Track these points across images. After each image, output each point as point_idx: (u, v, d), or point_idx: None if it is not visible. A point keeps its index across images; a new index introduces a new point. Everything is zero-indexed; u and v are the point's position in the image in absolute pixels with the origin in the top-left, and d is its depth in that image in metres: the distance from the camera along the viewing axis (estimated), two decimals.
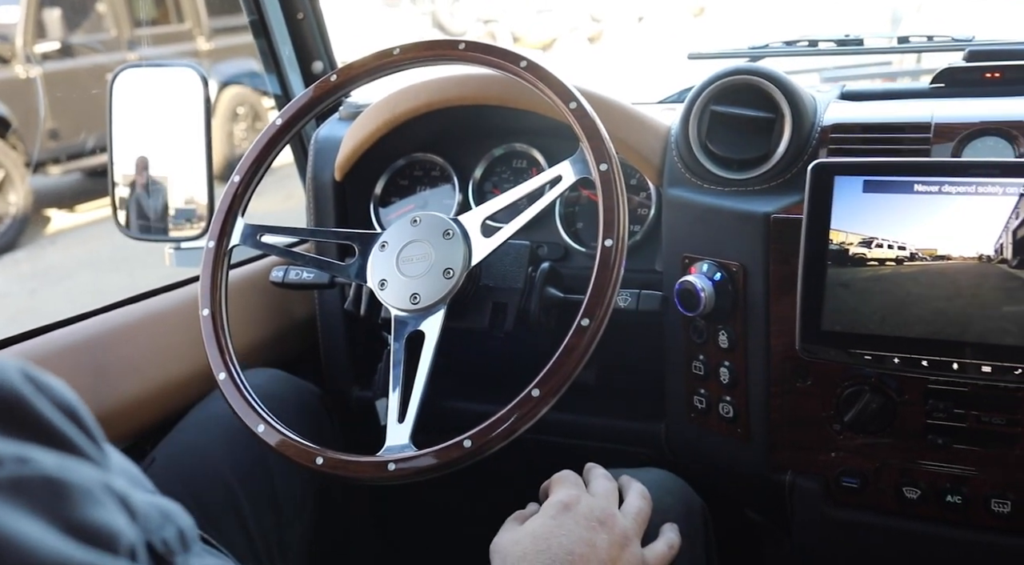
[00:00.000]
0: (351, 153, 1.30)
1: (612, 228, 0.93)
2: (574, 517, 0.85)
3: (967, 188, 0.88)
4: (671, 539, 0.90)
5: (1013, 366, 0.87)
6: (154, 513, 0.45)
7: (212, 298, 1.07)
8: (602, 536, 0.84)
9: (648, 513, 0.91)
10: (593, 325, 0.91)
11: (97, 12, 6.94)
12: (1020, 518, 0.95)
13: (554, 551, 0.81)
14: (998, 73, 1.07)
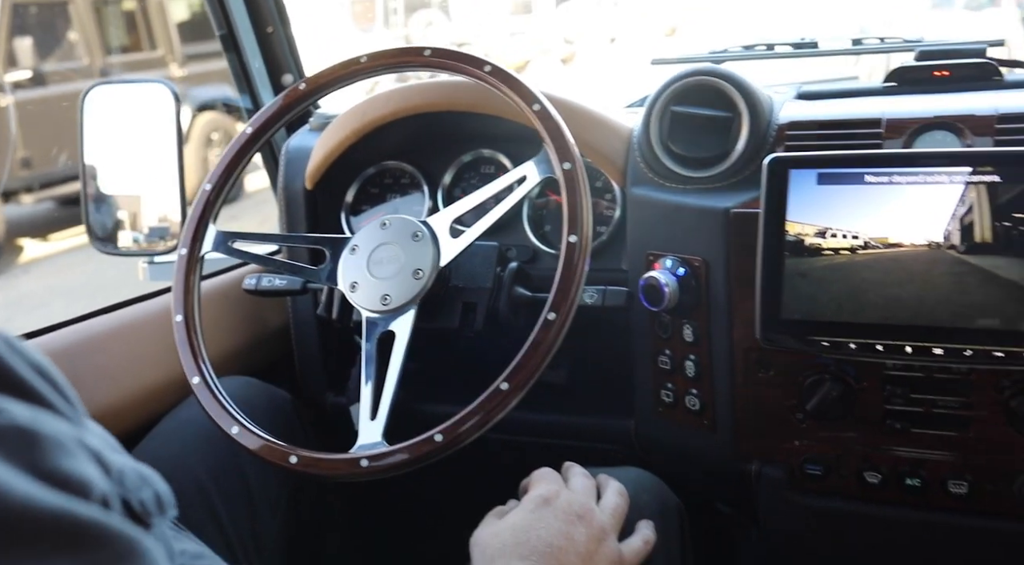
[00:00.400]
0: (321, 162, 1.32)
1: (576, 225, 0.95)
2: (553, 511, 0.87)
3: (916, 178, 0.92)
4: (647, 535, 0.91)
5: (963, 348, 0.90)
6: (131, 474, 0.46)
7: (185, 304, 1.08)
8: (580, 529, 0.85)
9: (625, 509, 0.93)
10: (559, 319, 0.94)
11: (69, 40, 6.94)
12: (976, 499, 0.98)
13: (533, 543, 0.83)
14: (947, 71, 1.11)
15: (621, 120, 1.19)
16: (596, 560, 0.83)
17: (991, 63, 1.10)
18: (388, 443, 0.97)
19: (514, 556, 0.81)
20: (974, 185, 0.89)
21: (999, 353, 0.88)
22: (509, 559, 0.81)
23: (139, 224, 1.93)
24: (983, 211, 0.89)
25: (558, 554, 0.81)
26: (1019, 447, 0.95)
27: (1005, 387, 0.95)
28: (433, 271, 1.03)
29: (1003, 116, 0.98)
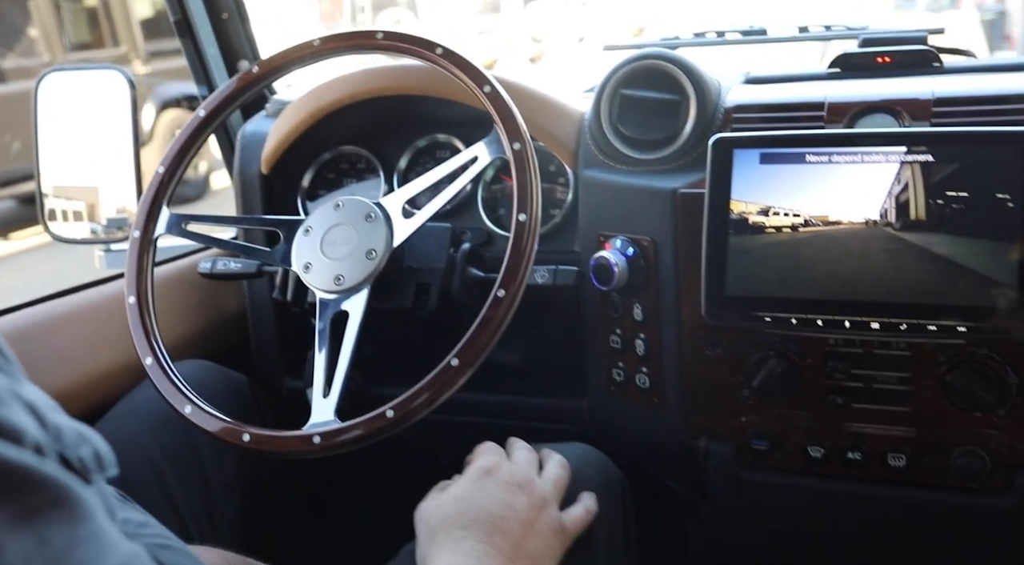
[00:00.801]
0: (277, 146, 1.33)
1: (525, 204, 0.97)
2: (494, 481, 0.88)
3: (854, 158, 0.94)
4: (588, 505, 0.93)
5: (899, 322, 0.92)
6: (69, 431, 0.46)
7: (138, 286, 1.08)
8: (521, 499, 0.87)
9: (566, 481, 0.94)
10: (509, 295, 0.95)
11: (29, 37, 6.84)
12: (914, 471, 1.01)
13: (475, 513, 0.84)
14: (888, 57, 1.14)
15: (573, 104, 1.21)
16: (537, 527, 0.85)
17: (931, 50, 1.13)
18: (341, 421, 0.98)
19: (456, 526, 0.82)
20: (909, 164, 0.92)
21: (932, 327, 0.91)
22: (451, 529, 0.82)
23: (97, 215, 1.91)
24: (918, 189, 0.92)
25: (499, 522, 0.83)
26: (954, 421, 0.98)
27: (941, 362, 0.98)
28: (386, 251, 1.04)
29: (939, 100, 1.01)
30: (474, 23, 12.63)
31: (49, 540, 0.35)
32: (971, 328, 0.90)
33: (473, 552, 0.79)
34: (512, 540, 0.82)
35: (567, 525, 0.89)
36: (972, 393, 0.96)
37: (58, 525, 0.36)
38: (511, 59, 12.29)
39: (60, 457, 0.43)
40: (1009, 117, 0.97)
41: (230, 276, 1.25)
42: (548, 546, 0.84)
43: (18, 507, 0.35)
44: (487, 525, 0.83)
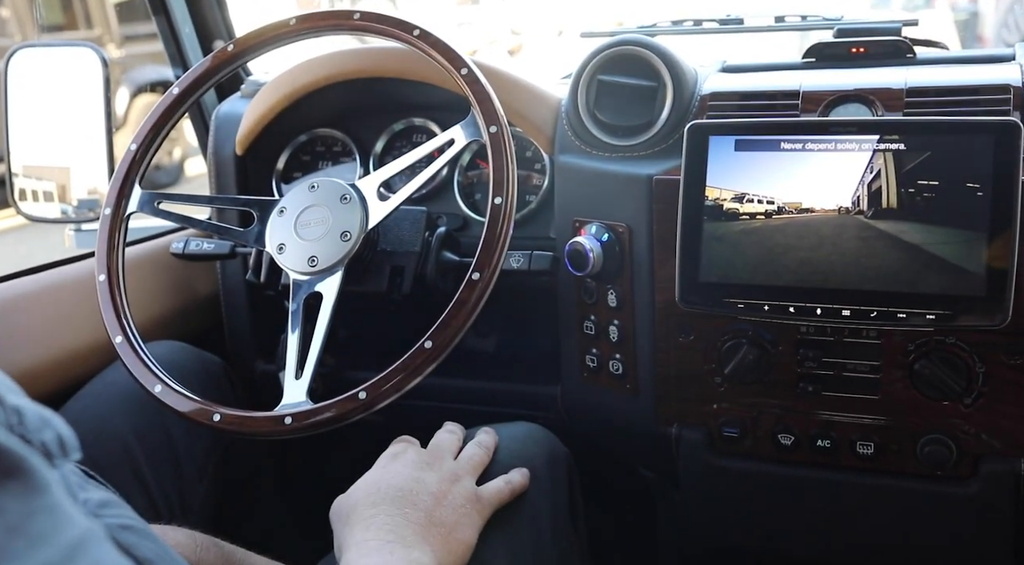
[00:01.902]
0: (252, 127, 1.31)
1: (501, 187, 0.96)
2: (402, 462, 0.89)
3: (828, 145, 0.95)
4: (510, 477, 0.93)
5: (869, 309, 0.93)
6: (31, 415, 0.45)
7: (108, 263, 1.07)
8: (430, 474, 0.87)
9: (483, 458, 0.94)
10: (483, 278, 0.95)
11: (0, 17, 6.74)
12: (881, 458, 1.02)
13: (383, 491, 0.84)
14: (863, 48, 1.15)
15: (550, 90, 1.21)
16: (450, 498, 0.85)
17: (904, 41, 1.14)
18: (313, 402, 0.97)
19: (365, 506, 0.82)
20: (881, 153, 0.93)
21: (902, 314, 0.92)
22: (361, 510, 0.81)
23: (68, 196, 1.89)
24: (889, 178, 0.92)
25: (408, 496, 0.83)
26: (922, 409, 0.99)
27: (910, 351, 0.99)
28: (361, 233, 1.03)
29: (912, 89, 1.02)
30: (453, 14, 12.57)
31: (4, 509, 0.35)
32: (940, 316, 0.91)
33: (384, 526, 0.79)
34: (423, 510, 0.82)
35: (484, 496, 0.88)
36: (940, 382, 0.97)
37: (12, 494, 0.36)
38: (490, 51, 12.25)
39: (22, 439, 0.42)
40: (980, 107, 0.98)
41: (203, 257, 1.24)
42: (462, 514, 0.84)
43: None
44: (396, 499, 0.83)
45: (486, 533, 0.87)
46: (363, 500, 0.83)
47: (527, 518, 0.92)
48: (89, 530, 0.38)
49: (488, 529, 0.87)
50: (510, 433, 1.01)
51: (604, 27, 1.29)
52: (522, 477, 0.93)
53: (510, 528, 0.89)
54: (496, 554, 0.86)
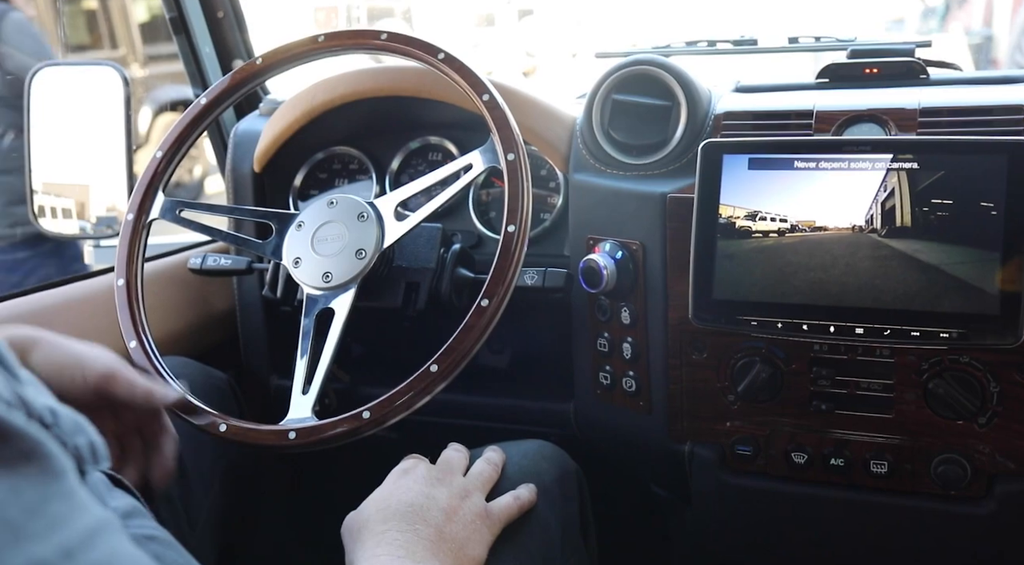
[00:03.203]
0: (270, 144, 1.33)
1: (516, 215, 0.97)
2: (412, 478, 0.89)
3: (841, 164, 0.96)
4: (519, 493, 0.93)
5: (883, 327, 0.93)
6: (67, 420, 0.46)
7: (128, 269, 1.08)
8: (441, 490, 0.87)
9: (492, 475, 0.95)
10: (492, 305, 0.95)
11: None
12: (895, 478, 1.02)
13: (394, 507, 0.84)
14: (876, 69, 1.15)
15: (566, 109, 1.22)
16: (460, 513, 0.85)
17: (918, 62, 1.14)
18: (319, 419, 0.98)
19: (377, 522, 0.82)
20: (895, 172, 0.93)
21: (916, 333, 0.92)
22: (373, 526, 0.82)
23: (86, 213, 1.91)
24: (903, 197, 0.93)
25: (419, 512, 0.83)
26: (936, 428, 0.99)
27: (924, 370, 0.99)
28: (375, 252, 1.04)
29: (925, 110, 1.02)
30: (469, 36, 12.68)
31: (21, 491, 0.35)
32: (953, 335, 0.91)
33: (395, 541, 0.79)
34: (434, 525, 0.82)
35: (493, 511, 0.88)
36: (954, 401, 0.97)
37: (30, 478, 0.36)
38: (504, 72, 12.32)
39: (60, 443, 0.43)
40: (993, 128, 0.99)
41: (220, 272, 1.25)
42: (472, 530, 0.84)
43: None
44: (408, 515, 0.83)
45: (496, 548, 0.87)
46: (374, 516, 0.84)
47: (537, 533, 0.92)
48: (105, 518, 0.39)
49: (498, 544, 0.87)
50: (520, 450, 1.02)
51: (618, 48, 1.31)
52: (530, 493, 0.93)
53: (520, 543, 0.90)
54: None
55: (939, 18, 10.49)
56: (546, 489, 0.96)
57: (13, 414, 0.37)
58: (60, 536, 0.36)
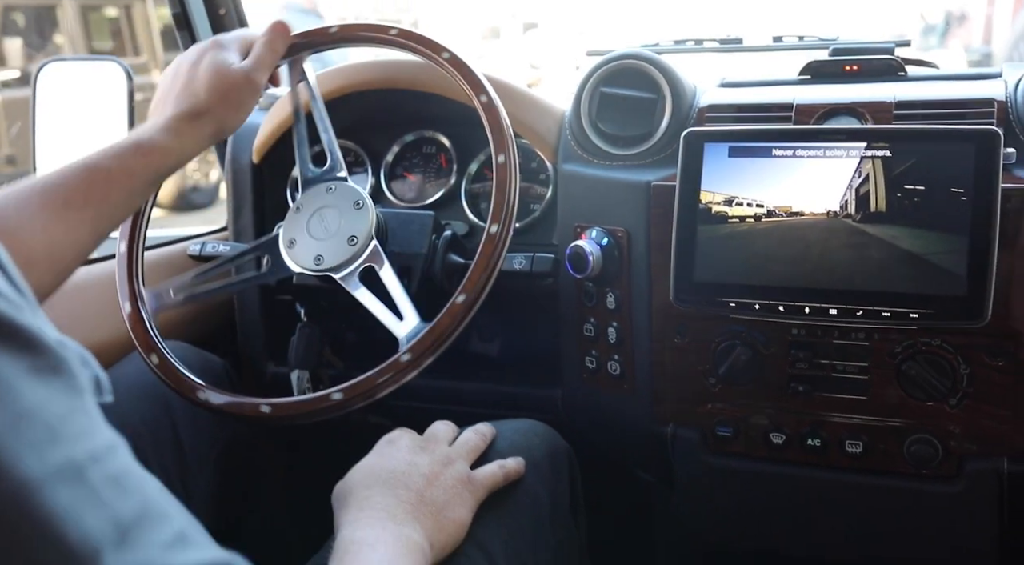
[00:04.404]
0: (268, 136, 1.37)
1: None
2: (397, 447, 0.92)
3: (817, 152, 0.99)
4: (505, 463, 0.95)
5: (856, 308, 0.97)
6: (74, 352, 0.49)
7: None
8: (423, 457, 0.90)
9: (479, 445, 0.97)
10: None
11: (55, 44, 6.96)
12: (869, 457, 1.05)
13: (377, 474, 0.87)
14: (856, 66, 1.19)
15: (555, 102, 1.26)
16: (442, 479, 0.87)
17: (896, 60, 1.18)
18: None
19: (361, 488, 0.85)
20: (869, 159, 0.97)
21: (887, 313, 0.96)
22: (357, 492, 0.84)
23: None
24: (877, 183, 0.97)
25: (401, 478, 0.85)
26: (909, 409, 1.03)
27: (898, 353, 1.02)
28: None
29: (900, 103, 1.06)
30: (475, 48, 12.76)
31: (54, 399, 0.39)
32: (923, 315, 0.95)
33: (378, 505, 0.82)
34: (415, 490, 0.84)
35: (476, 478, 0.91)
36: (926, 383, 1.01)
37: (59, 390, 0.40)
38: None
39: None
40: (966, 121, 1.02)
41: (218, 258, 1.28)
42: (453, 494, 0.87)
43: (28, 363, 0.39)
44: (390, 481, 0.85)
45: (484, 516, 0.89)
46: (359, 482, 0.87)
47: (526, 505, 0.95)
48: (116, 440, 0.42)
49: (486, 512, 0.90)
50: (511, 427, 1.04)
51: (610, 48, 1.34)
52: (516, 463, 0.95)
53: (508, 513, 0.92)
54: (493, 536, 0.89)
55: (939, 35, 10.57)
56: (536, 464, 0.99)
57: (45, 330, 0.40)
58: (87, 444, 0.39)
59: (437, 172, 1.39)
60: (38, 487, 0.35)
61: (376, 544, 0.76)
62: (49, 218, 0.88)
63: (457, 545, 0.85)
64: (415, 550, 0.77)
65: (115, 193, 0.92)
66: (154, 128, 0.96)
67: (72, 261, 0.92)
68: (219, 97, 0.99)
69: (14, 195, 0.88)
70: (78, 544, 0.36)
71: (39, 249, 0.87)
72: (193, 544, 0.41)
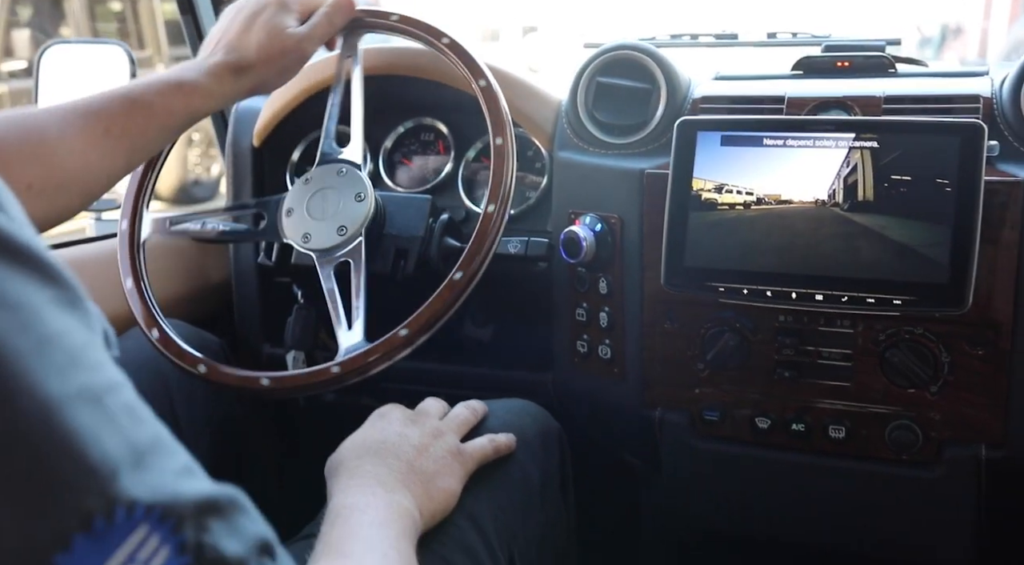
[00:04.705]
0: (270, 120, 1.39)
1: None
2: (387, 421, 0.94)
3: (807, 142, 1.02)
4: (496, 437, 0.97)
5: (841, 294, 1.00)
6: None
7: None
8: (414, 429, 0.92)
9: (468, 418, 0.99)
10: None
11: (62, 35, 6.98)
12: (852, 442, 1.08)
13: (368, 445, 0.89)
14: (847, 62, 1.22)
15: (552, 91, 1.28)
16: (431, 450, 0.89)
17: (887, 57, 1.21)
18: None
19: (351, 458, 0.87)
20: (857, 150, 1.00)
21: (871, 299, 0.98)
22: (348, 462, 0.86)
23: None
24: (864, 173, 0.99)
25: (391, 448, 0.87)
26: (891, 396, 1.05)
27: (881, 341, 1.05)
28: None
29: (889, 97, 1.09)
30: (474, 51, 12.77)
31: (72, 330, 0.41)
32: (906, 301, 0.97)
33: (368, 473, 0.83)
34: (405, 460, 0.86)
35: (466, 450, 0.93)
36: (908, 370, 1.03)
37: (78, 322, 0.42)
38: None
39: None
40: (952, 116, 1.05)
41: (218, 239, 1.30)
42: (443, 464, 0.88)
43: (52, 294, 0.41)
44: (380, 451, 0.87)
45: (475, 489, 0.91)
46: (350, 453, 0.89)
47: (517, 481, 0.97)
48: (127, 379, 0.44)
49: (477, 486, 0.92)
50: (503, 405, 1.06)
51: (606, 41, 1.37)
52: (507, 439, 0.98)
53: (499, 487, 0.94)
54: (483, 509, 0.91)
55: (935, 47, 10.63)
56: (527, 442, 1.01)
57: (65, 268, 0.42)
58: (104, 374, 0.41)
59: (435, 159, 1.41)
60: (61, 406, 0.37)
61: (366, 508, 0.78)
62: (87, 143, 0.90)
63: (447, 514, 0.87)
64: (404, 515, 0.79)
65: (153, 128, 0.95)
66: (199, 70, 0.99)
67: (101, 188, 0.95)
68: (266, 58, 1.02)
69: (57, 115, 0.90)
70: (98, 462, 0.37)
71: (74, 172, 0.89)
72: (199, 476, 0.43)
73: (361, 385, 1.06)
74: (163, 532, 0.39)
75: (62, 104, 0.91)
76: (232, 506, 0.44)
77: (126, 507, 0.38)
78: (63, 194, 0.89)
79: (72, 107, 0.91)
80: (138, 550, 0.38)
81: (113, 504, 0.37)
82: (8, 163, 0.85)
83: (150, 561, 0.38)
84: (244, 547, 0.43)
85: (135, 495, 0.38)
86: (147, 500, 0.39)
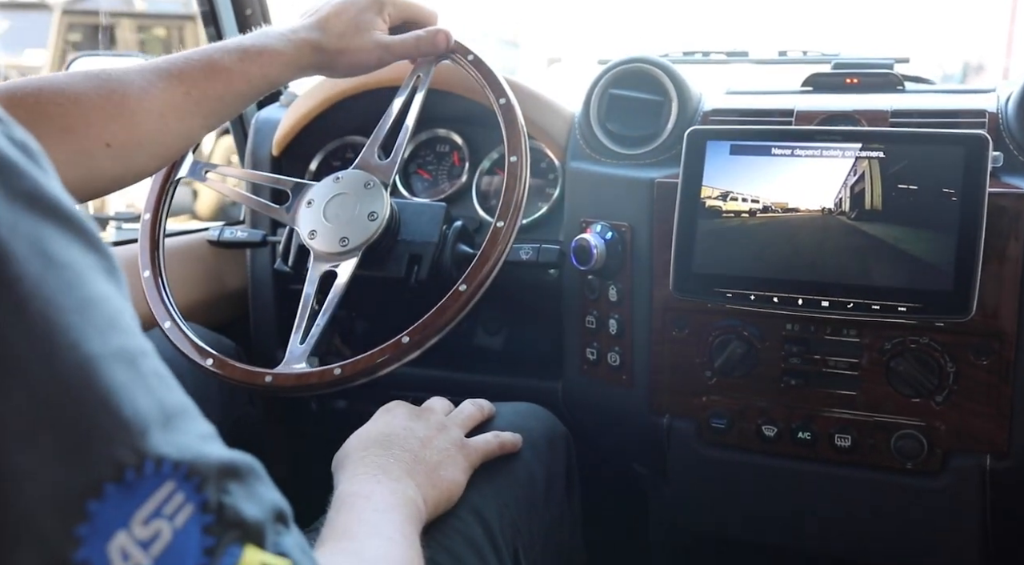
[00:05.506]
0: (290, 129, 1.42)
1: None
2: (393, 414, 0.95)
3: (814, 152, 1.04)
4: (501, 434, 0.98)
5: (847, 301, 1.01)
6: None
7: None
8: (419, 423, 0.93)
9: (474, 414, 1.00)
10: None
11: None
12: (858, 451, 1.08)
13: (374, 437, 0.90)
14: (856, 79, 1.24)
15: (566, 104, 1.31)
16: (436, 442, 0.90)
17: (895, 75, 1.23)
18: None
19: (357, 450, 0.88)
20: (864, 160, 1.02)
21: (876, 306, 1.00)
22: (354, 453, 0.87)
23: (105, 207, 2.00)
24: (870, 182, 1.01)
25: (397, 440, 0.88)
26: (896, 405, 1.06)
27: (887, 350, 1.06)
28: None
29: (896, 112, 1.11)
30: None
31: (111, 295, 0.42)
32: (911, 308, 0.98)
33: (373, 464, 0.84)
34: (410, 451, 0.87)
35: (471, 444, 0.94)
36: (913, 379, 1.04)
37: (115, 289, 0.43)
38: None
39: None
40: (957, 130, 1.07)
41: (236, 244, 1.33)
42: (447, 456, 0.89)
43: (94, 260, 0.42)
44: (385, 443, 0.88)
45: (480, 484, 0.92)
46: (356, 446, 0.90)
47: (523, 478, 0.98)
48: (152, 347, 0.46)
49: (483, 481, 0.93)
50: (512, 408, 1.08)
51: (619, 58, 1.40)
52: (512, 437, 0.99)
53: (505, 483, 0.96)
54: (488, 504, 0.92)
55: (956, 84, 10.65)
56: (534, 442, 1.02)
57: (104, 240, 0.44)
58: (137, 339, 0.43)
59: (450, 170, 1.44)
60: (100, 363, 0.39)
61: (371, 495, 0.79)
62: (168, 104, 0.90)
63: (451, 505, 0.88)
64: (409, 503, 0.81)
65: (230, 94, 0.96)
66: (285, 39, 1.00)
67: (175, 151, 0.95)
68: (344, 48, 1.03)
69: (139, 75, 0.90)
70: (131, 417, 0.39)
71: (152, 133, 0.90)
72: (220, 443, 0.45)
73: (371, 393, 1.08)
74: (188, 490, 0.41)
75: (144, 64, 0.91)
76: (251, 473, 0.45)
77: (155, 462, 0.40)
78: (140, 154, 0.90)
79: (154, 67, 0.91)
80: (164, 504, 0.40)
81: (143, 458, 0.39)
82: (89, 121, 0.85)
83: (175, 516, 0.40)
84: (261, 512, 0.44)
85: (164, 452, 0.40)
86: (175, 457, 0.40)
